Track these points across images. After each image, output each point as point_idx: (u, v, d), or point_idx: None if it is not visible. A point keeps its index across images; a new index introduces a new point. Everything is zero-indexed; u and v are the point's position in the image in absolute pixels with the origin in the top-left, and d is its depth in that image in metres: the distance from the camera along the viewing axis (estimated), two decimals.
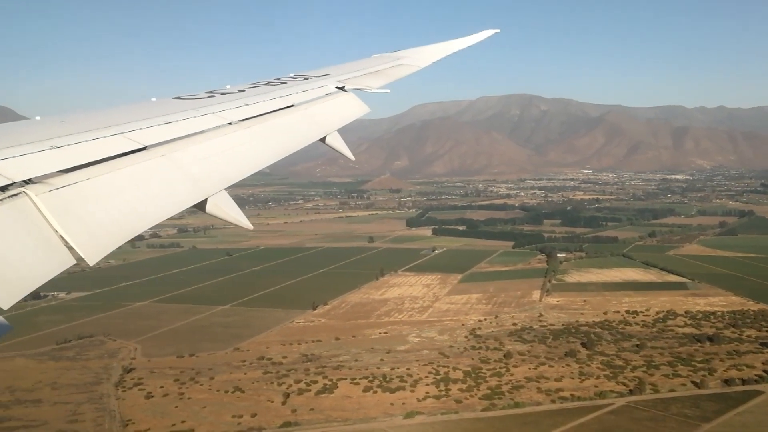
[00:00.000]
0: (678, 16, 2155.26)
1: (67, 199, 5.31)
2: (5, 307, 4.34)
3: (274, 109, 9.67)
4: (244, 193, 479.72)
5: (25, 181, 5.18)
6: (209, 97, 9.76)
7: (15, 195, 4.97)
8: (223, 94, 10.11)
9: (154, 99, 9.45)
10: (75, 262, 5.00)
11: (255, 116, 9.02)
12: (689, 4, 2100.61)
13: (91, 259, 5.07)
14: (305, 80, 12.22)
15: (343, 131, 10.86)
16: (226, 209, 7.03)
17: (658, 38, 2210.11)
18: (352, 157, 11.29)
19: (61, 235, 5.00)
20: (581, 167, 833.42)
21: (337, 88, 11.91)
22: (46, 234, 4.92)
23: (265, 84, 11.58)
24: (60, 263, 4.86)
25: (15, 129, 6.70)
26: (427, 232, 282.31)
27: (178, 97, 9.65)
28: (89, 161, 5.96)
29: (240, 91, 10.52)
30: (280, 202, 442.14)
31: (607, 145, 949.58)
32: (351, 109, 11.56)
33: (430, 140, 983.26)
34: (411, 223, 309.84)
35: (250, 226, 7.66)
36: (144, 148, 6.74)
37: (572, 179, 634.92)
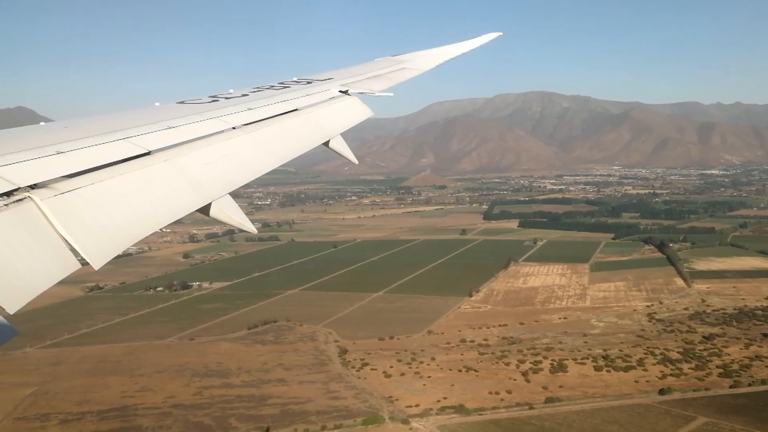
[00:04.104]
0: (693, 13, 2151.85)
1: (71, 204, 5.31)
2: (11, 312, 4.29)
3: (278, 113, 9.62)
4: (289, 191, 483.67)
5: (30, 186, 5.19)
6: (213, 101, 9.78)
7: (20, 200, 4.98)
8: (226, 98, 10.11)
9: (157, 103, 9.47)
10: (80, 266, 5.02)
11: (259, 120, 9.03)
12: (705, 2, 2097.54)
13: (96, 263, 5.10)
14: (308, 84, 12.27)
15: (360, 130, 12.20)
16: (230, 213, 7.02)
17: (673, 35, 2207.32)
18: (356, 161, 11.31)
19: (65, 240, 4.99)
20: (610, 163, 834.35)
21: (340, 92, 11.92)
22: (50, 239, 4.91)
23: (268, 88, 11.53)
24: (65, 268, 4.87)
25: (20, 134, 6.72)
26: (510, 224, 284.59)
27: (182, 102, 9.64)
28: (94, 166, 5.97)
29: (243, 95, 10.56)
30: (334, 199, 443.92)
31: (634, 141, 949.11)
32: (354, 112, 11.53)
33: (455, 138, 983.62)
34: (488, 216, 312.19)
35: (254, 230, 7.75)
36: (148, 153, 6.75)
37: (609, 175, 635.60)
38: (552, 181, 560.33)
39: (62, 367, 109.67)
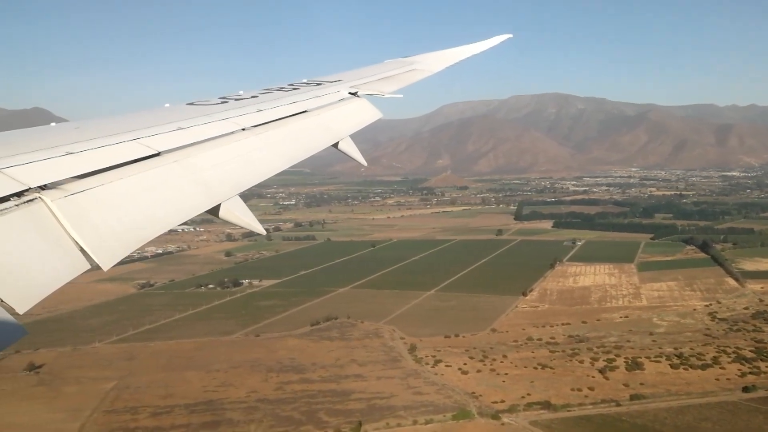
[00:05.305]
0: (708, 15, 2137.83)
1: (81, 205, 5.33)
2: (21, 312, 4.30)
3: (287, 114, 9.65)
4: (310, 191, 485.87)
5: (40, 187, 5.21)
6: (222, 102, 9.82)
7: (31, 200, 5.00)
8: (236, 99, 10.14)
9: (167, 105, 9.48)
10: (89, 267, 5.01)
11: (268, 122, 9.03)
12: (719, 3, 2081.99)
13: (105, 264, 5.10)
14: (318, 86, 12.25)
15: (373, 131, 11.54)
16: (239, 214, 7.00)
17: (687, 37, 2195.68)
18: (365, 163, 11.27)
19: (75, 241, 4.99)
20: (627, 165, 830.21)
21: (349, 93, 11.91)
22: (61, 239, 4.92)
23: (278, 90, 11.53)
24: (74, 268, 4.89)
25: (31, 135, 6.75)
26: (543, 225, 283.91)
27: (192, 103, 9.66)
28: (104, 167, 5.98)
29: (253, 96, 10.57)
30: (357, 199, 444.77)
31: (651, 143, 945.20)
32: (364, 114, 11.50)
33: (471, 139, 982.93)
34: (519, 217, 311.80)
35: (263, 231, 7.72)
36: (158, 154, 6.76)
37: (629, 176, 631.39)
38: (572, 183, 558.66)
39: (136, 362, 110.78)
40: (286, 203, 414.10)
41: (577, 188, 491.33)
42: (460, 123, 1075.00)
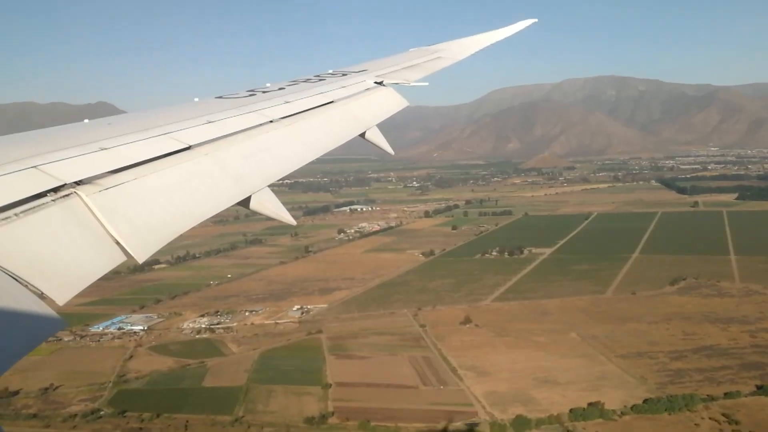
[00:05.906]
0: None
1: (115, 200, 5.48)
2: (61, 303, 4.40)
3: (314, 106, 9.72)
4: (410, 175, 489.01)
5: (76, 182, 5.34)
6: (250, 95, 9.89)
7: (66, 196, 5.15)
8: (263, 92, 10.23)
9: (197, 99, 9.58)
10: (125, 259, 5.13)
11: (295, 114, 9.11)
12: None
13: (140, 256, 5.21)
14: (344, 76, 12.29)
15: (424, 119, 10.81)
16: (269, 205, 7.09)
17: (742, 16, 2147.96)
18: (392, 152, 11.34)
19: (110, 234, 5.12)
20: (702, 145, 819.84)
21: (375, 83, 11.92)
22: (97, 233, 5.06)
23: (304, 81, 11.64)
24: (110, 261, 5.00)
25: (66, 132, 6.84)
26: (725, 197, 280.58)
27: (221, 97, 9.77)
28: (136, 162, 6.12)
29: (280, 89, 10.64)
30: (478, 182, 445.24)
31: (724, 123, 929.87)
32: (390, 103, 11.53)
33: (537, 123, 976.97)
34: (683, 192, 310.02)
35: (293, 222, 7.74)
36: (188, 148, 6.86)
37: (722, 155, 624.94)
38: (671, 162, 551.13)
39: (560, 316, 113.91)
40: (416, 184, 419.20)
41: (687, 167, 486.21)
42: (522, 107, 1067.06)
